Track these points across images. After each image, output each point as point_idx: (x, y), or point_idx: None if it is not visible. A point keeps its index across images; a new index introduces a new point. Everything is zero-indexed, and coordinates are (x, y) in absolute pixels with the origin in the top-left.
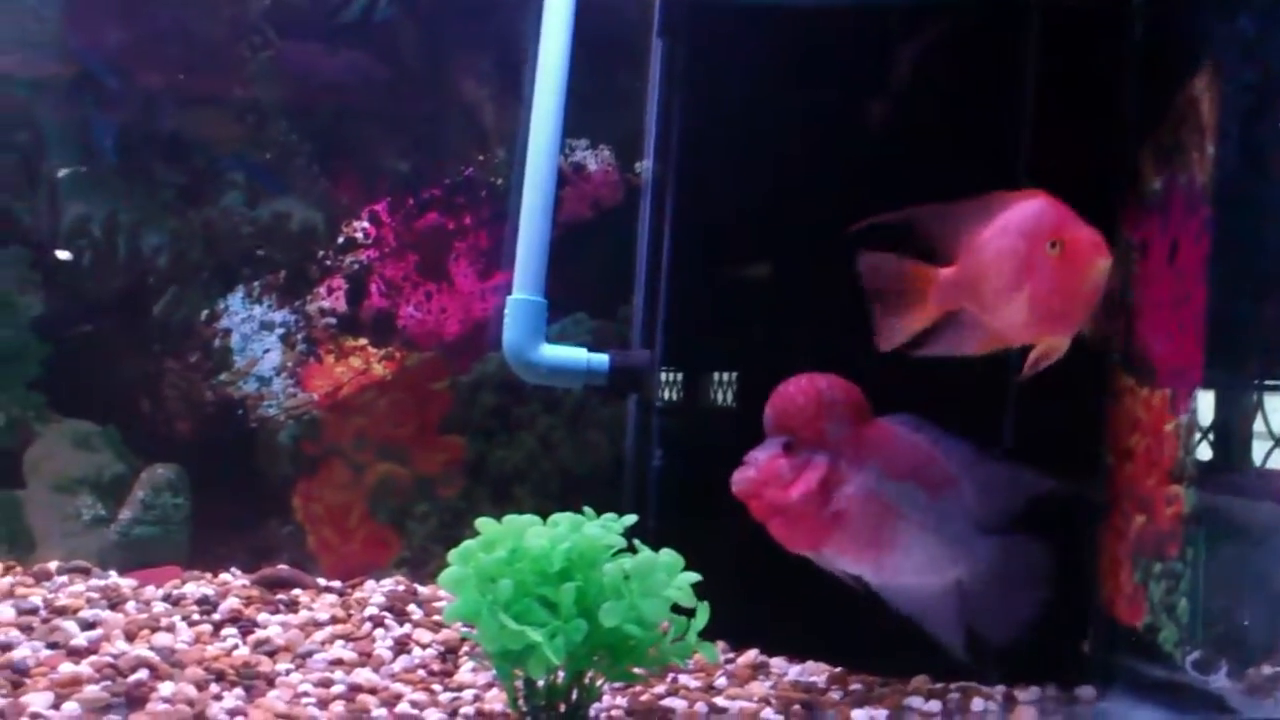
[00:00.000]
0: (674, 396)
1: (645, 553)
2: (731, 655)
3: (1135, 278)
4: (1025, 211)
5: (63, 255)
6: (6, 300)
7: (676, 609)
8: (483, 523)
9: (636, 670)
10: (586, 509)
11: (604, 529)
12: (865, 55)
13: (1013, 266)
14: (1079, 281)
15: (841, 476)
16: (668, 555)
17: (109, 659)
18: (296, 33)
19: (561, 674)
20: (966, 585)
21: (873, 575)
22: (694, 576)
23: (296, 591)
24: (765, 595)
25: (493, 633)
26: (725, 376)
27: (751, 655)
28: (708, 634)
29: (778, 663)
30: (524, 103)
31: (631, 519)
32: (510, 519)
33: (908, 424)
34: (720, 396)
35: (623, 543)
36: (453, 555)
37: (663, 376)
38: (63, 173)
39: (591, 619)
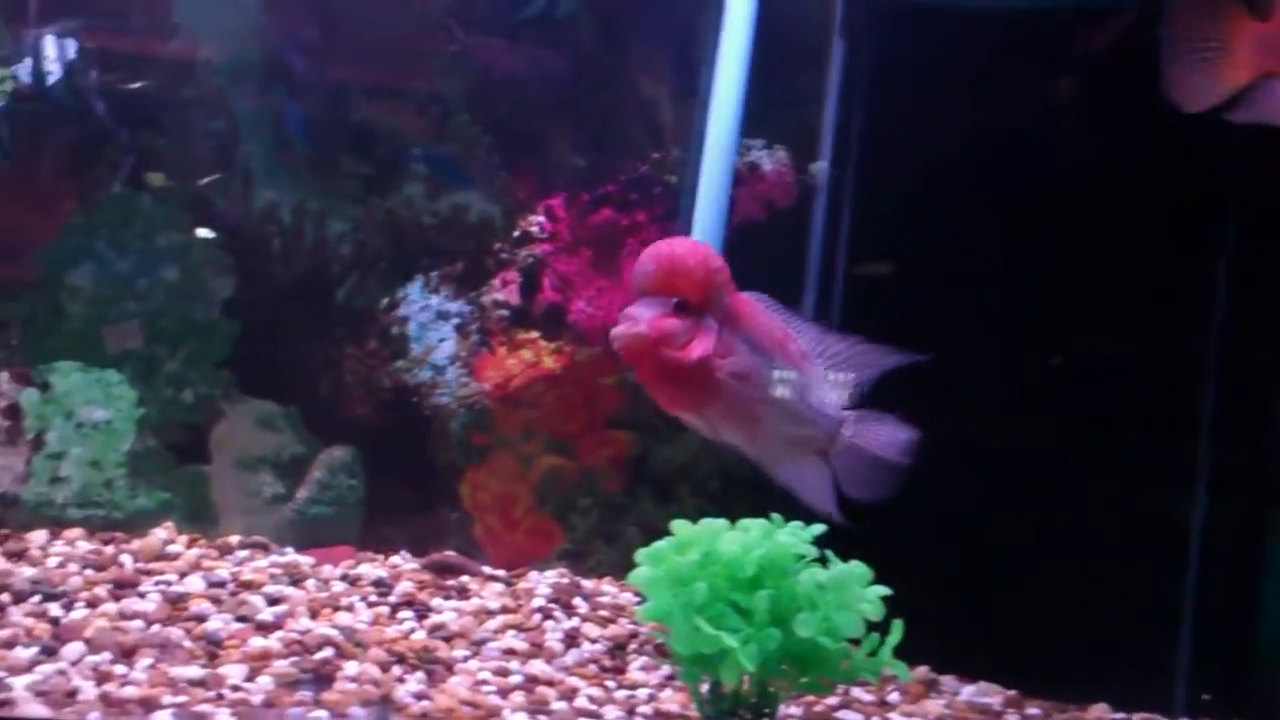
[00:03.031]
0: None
1: (839, 564)
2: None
3: None
4: None
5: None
6: (199, 281)
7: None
8: (677, 525)
9: (825, 682)
10: (774, 515)
11: (795, 537)
12: (1049, 56)
13: None
14: None
15: (727, 345)
16: (859, 567)
17: (295, 635)
18: (481, 27)
19: (748, 680)
20: (832, 456)
21: (748, 446)
22: (885, 590)
23: (464, 578)
24: (935, 611)
25: (686, 635)
26: (901, 379)
27: (922, 671)
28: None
29: (949, 681)
30: (701, 101)
31: (820, 528)
32: (706, 523)
33: (762, 300)
34: (894, 402)
35: (815, 552)
36: (643, 555)
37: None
38: (255, 160)
39: (783, 627)
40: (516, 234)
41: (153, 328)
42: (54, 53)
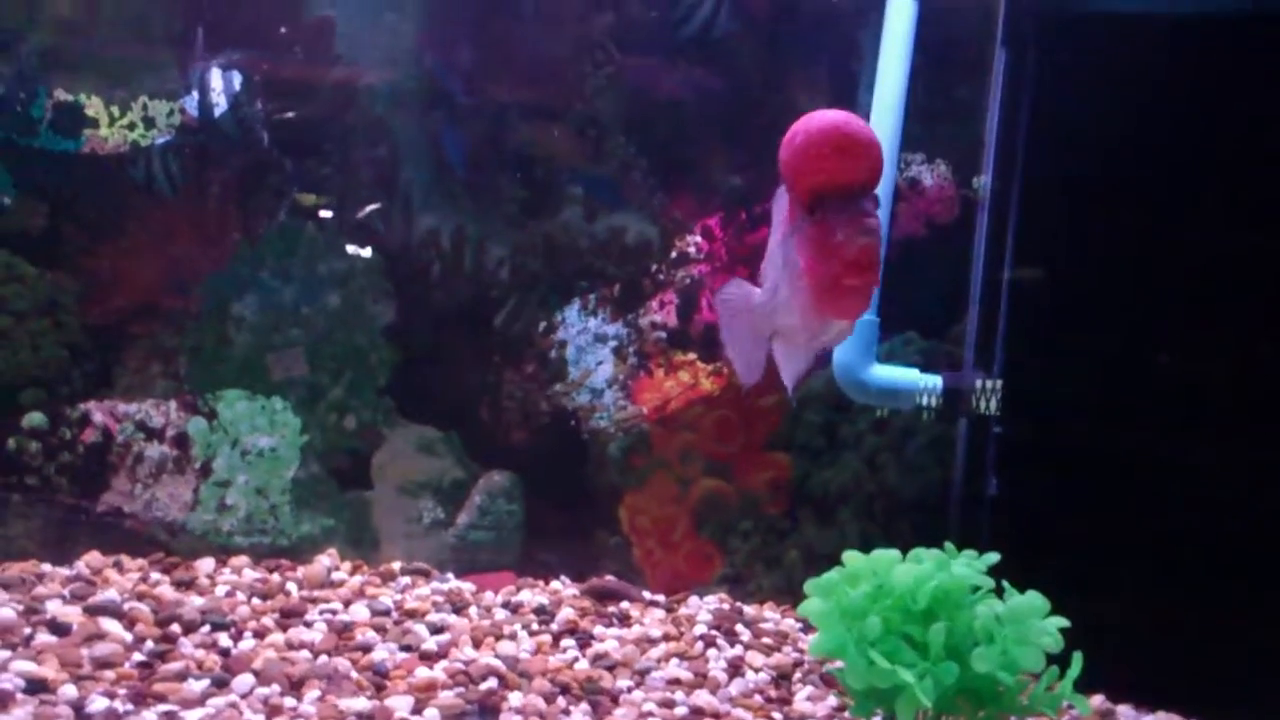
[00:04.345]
0: (1012, 421)
1: (1016, 596)
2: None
3: None
4: None
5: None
6: (360, 309)
7: None
8: (849, 556)
9: (1002, 717)
10: (948, 544)
11: (970, 567)
12: (1220, 66)
13: None
14: None
15: None
16: (1036, 599)
17: (460, 665)
18: (638, 48)
19: (923, 716)
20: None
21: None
22: (1064, 622)
23: (625, 604)
24: (1110, 636)
25: (860, 670)
26: (1070, 401)
27: (1097, 701)
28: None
29: (1125, 711)
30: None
31: (994, 557)
32: (877, 554)
33: None
34: (1064, 422)
35: (990, 583)
36: (812, 587)
37: (1000, 399)
38: (415, 186)
39: (960, 661)
40: (674, 255)
41: (315, 355)
42: (220, 85)
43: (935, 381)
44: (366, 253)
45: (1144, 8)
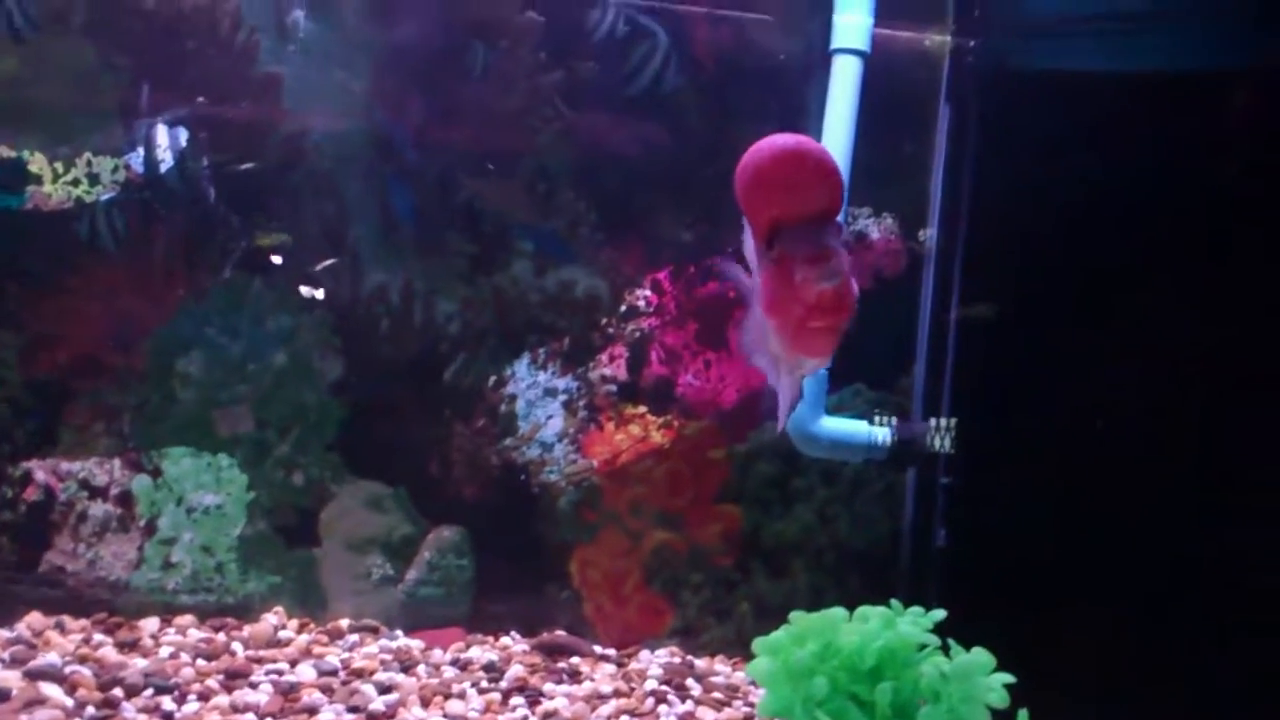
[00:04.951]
0: (960, 472)
1: (962, 654)
2: None
3: None
4: None
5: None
6: (308, 365)
7: None
8: (795, 616)
9: None
10: (894, 602)
11: (916, 625)
12: (1162, 122)
13: None
14: None
15: None
16: (982, 655)
17: None
18: (586, 104)
19: None
20: None
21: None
22: (1009, 678)
23: (575, 659)
24: (1057, 688)
25: None
26: (1017, 452)
27: None
28: None
29: None
30: None
31: (940, 614)
32: (823, 613)
33: None
34: (1010, 473)
35: (936, 641)
36: (760, 646)
37: (948, 451)
38: (364, 242)
39: (907, 719)
40: (623, 308)
41: (262, 411)
42: (165, 141)
43: (884, 433)
44: (320, 294)
45: (1081, 66)
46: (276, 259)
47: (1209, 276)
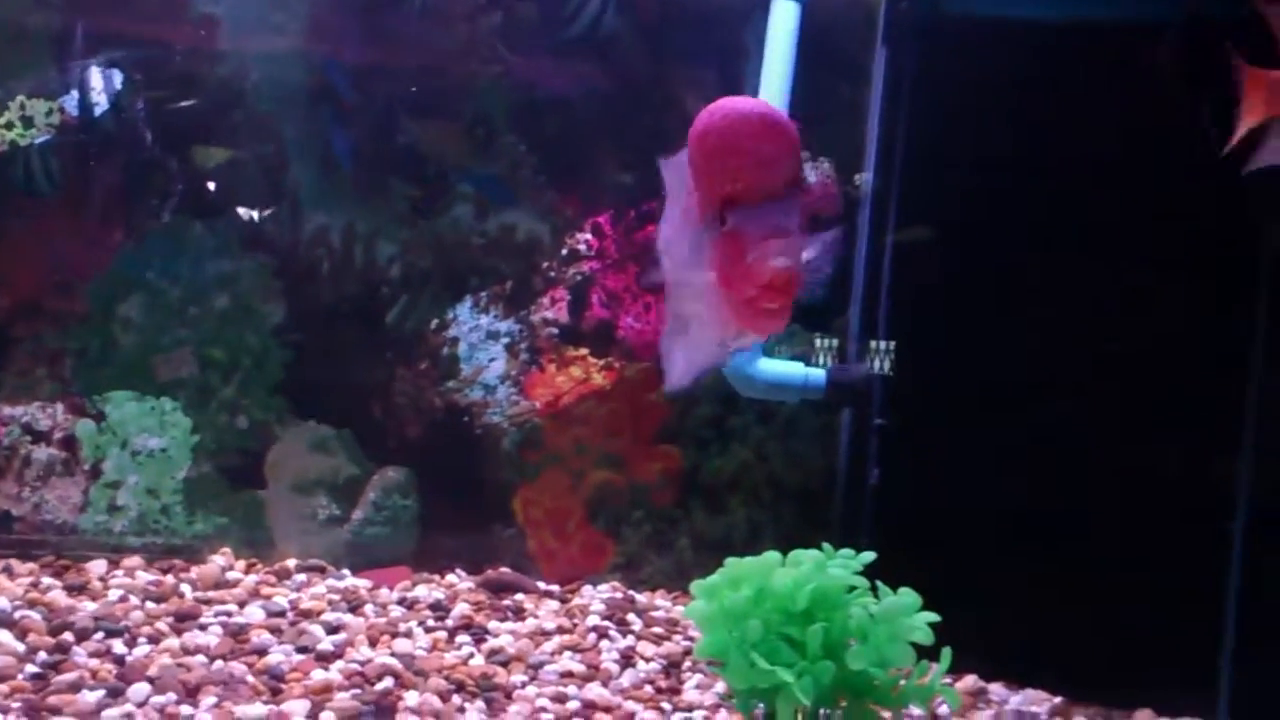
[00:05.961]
0: (892, 412)
1: (889, 596)
2: (949, 680)
3: None
4: None
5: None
6: (250, 308)
7: None
8: (730, 562)
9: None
10: (825, 545)
11: (845, 568)
12: (1098, 69)
13: None
14: None
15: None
16: (908, 596)
17: (356, 665)
18: (525, 48)
19: (802, 713)
20: None
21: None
22: (933, 617)
23: (520, 596)
24: (982, 619)
25: (741, 671)
26: (948, 392)
27: (970, 681)
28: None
29: (996, 689)
30: None
31: (870, 557)
32: (758, 558)
33: None
34: (943, 413)
35: (865, 584)
36: (697, 589)
37: (881, 392)
38: (303, 185)
39: (837, 660)
40: (564, 252)
41: (205, 355)
42: (100, 84)
43: (819, 375)
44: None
45: (1016, 10)
46: (214, 198)
47: (1141, 216)
